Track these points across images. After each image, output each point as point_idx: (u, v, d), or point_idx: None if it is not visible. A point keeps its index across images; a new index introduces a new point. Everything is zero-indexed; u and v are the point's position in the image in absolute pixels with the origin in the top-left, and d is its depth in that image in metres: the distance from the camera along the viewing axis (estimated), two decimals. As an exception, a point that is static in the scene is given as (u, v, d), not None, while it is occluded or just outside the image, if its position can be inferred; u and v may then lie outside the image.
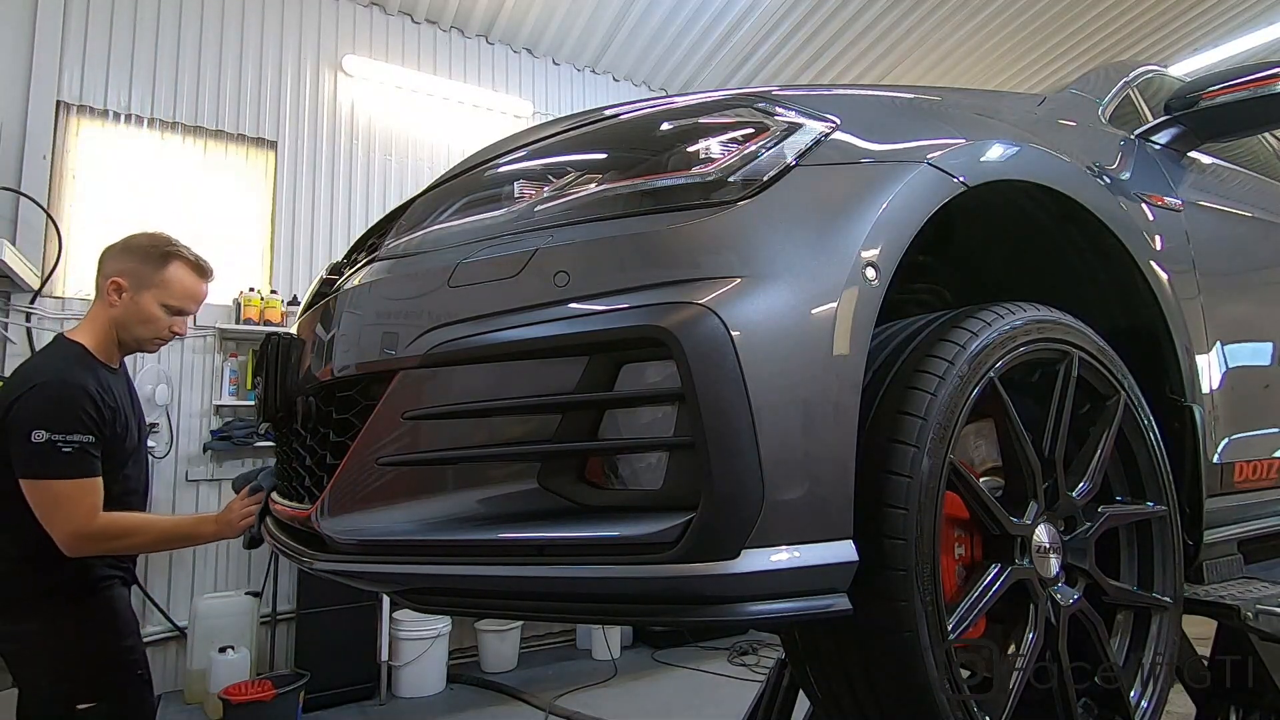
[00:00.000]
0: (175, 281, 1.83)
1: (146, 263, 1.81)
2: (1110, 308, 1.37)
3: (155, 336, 1.85)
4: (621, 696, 3.95)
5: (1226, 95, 1.54)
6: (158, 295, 1.81)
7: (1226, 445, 1.48)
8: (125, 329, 1.81)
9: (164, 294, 1.82)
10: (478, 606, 1.01)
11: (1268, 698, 1.48)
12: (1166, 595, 1.21)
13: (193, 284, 1.87)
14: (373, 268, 1.10)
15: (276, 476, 1.51)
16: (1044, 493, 1.08)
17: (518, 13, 5.04)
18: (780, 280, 0.84)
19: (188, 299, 1.86)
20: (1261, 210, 1.80)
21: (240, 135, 4.41)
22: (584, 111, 1.12)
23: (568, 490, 0.85)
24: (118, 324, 1.81)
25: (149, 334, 1.83)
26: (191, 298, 1.87)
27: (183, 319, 1.87)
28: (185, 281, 1.85)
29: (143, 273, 1.81)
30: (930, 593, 0.89)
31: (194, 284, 1.87)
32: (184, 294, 1.85)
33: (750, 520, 0.78)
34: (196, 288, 1.88)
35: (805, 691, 1.19)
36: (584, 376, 0.83)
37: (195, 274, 1.88)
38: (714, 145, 0.94)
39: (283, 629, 4.10)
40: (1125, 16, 5.22)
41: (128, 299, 1.80)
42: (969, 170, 1.05)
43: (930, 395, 0.93)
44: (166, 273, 1.82)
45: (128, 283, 1.80)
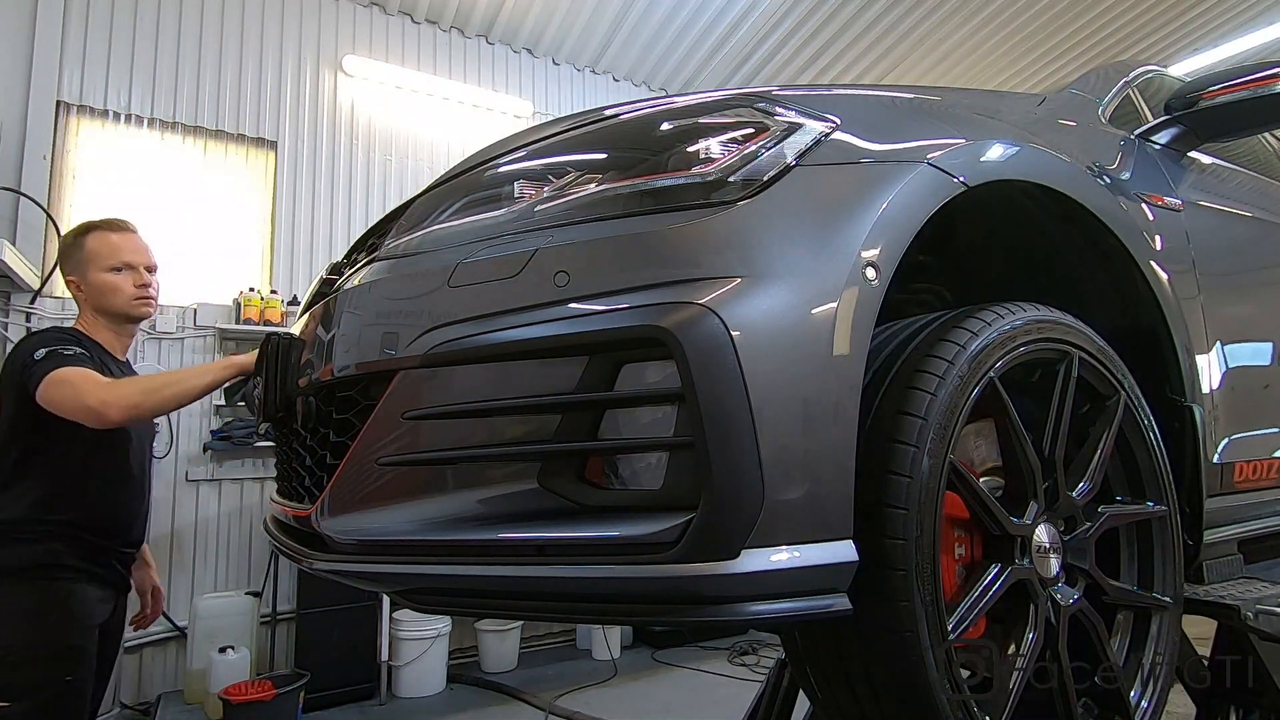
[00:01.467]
0: (100, 247, 1.99)
1: (73, 251, 2.01)
2: (1110, 308, 1.37)
3: (131, 298, 2.00)
4: (621, 696, 3.95)
5: (1226, 95, 1.54)
6: (97, 265, 1.97)
7: (1226, 445, 1.48)
8: (101, 307, 1.99)
9: (100, 261, 1.98)
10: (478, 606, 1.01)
11: (1268, 698, 1.48)
12: (1166, 595, 1.21)
13: (116, 240, 2.01)
14: (373, 268, 1.10)
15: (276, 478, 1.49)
16: (1044, 493, 1.08)
17: (518, 13, 5.04)
18: (780, 280, 0.84)
19: (119, 253, 2.00)
20: (1261, 210, 1.80)
21: (240, 135, 4.41)
22: (584, 111, 1.12)
23: (568, 490, 0.85)
24: (94, 307, 2.00)
25: (121, 300, 1.99)
26: (121, 251, 2.01)
27: (138, 273, 2.01)
28: (108, 241, 2.00)
29: (76, 259, 2.00)
30: (930, 593, 0.89)
31: (117, 240, 2.02)
32: (112, 251, 1.99)
33: (750, 520, 0.78)
34: (122, 241, 2.02)
35: (805, 691, 1.19)
36: (584, 376, 0.83)
37: (112, 231, 2.03)
38: (714, 145, 0.94)
39: (283, 629, 4.10)
40: (1125, 16, 5.22)
41: (85, 286, 1.99)
42: (969, 170, 1.05)
43: (930, 395, 0.93)
44: (88, 246, 1.99)
45: (75, 274, 2.00)
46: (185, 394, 1.79)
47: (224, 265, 4.32)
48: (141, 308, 2.02)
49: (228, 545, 4.14)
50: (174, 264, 4.08)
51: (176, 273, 4.02)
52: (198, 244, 4.26)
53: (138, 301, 2.01)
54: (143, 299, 2.02)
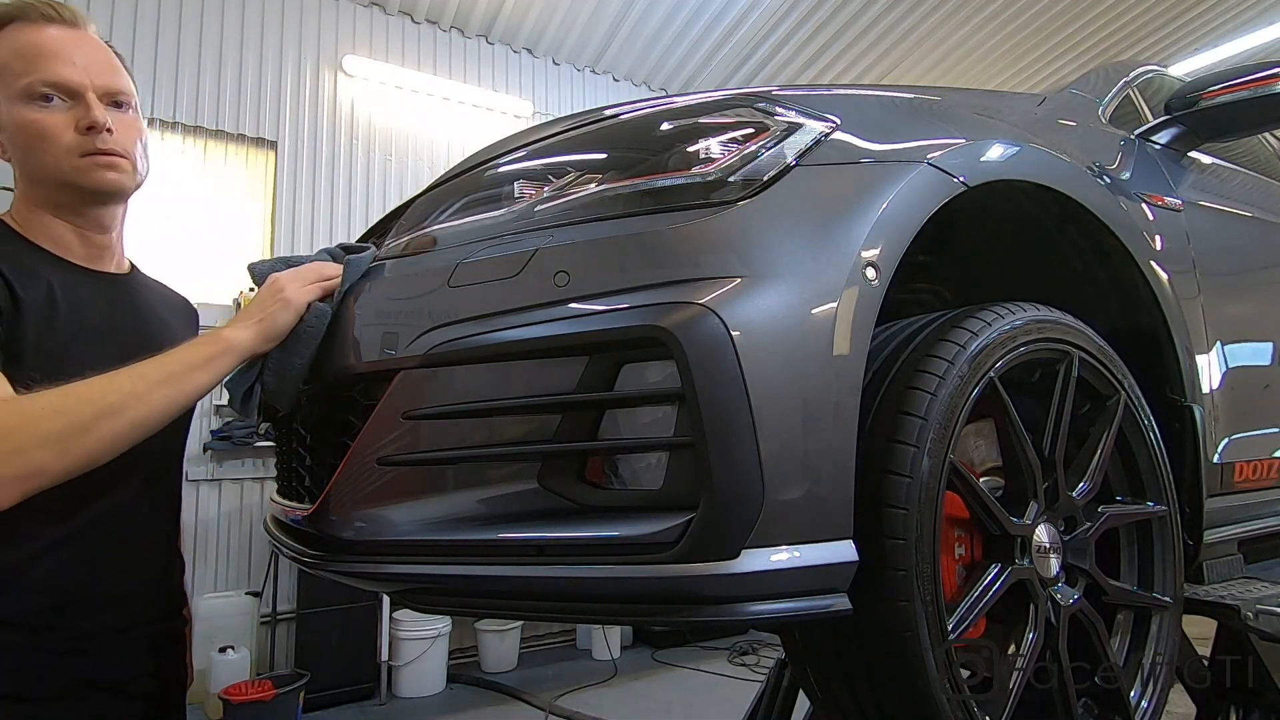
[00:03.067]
0: (14, 53, 1.06)
1: None
2: (1110, 308, 1.37)
3: (72, 152, 1.07)
4: (621, 696, 3.95)
5: (1226, 95, 1.54)
6: (10, 87, 1.05)
7: (1226, 445, 1.48)
8: (28, 172, 1.09)
9: (13, 79, 1.05)
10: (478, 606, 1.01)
11: (1268, 698, 1.48)
12: (1166, 595, 1.21)
13: (46, 41, 1.07)
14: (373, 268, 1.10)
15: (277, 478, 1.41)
16: (1044, 493, 1.08)
17: (518, 13, 5.04)
18: (780, 280, 0.84)
19: (48, 63, 1.06)
20: (1261, 210, 1.80)
21: (240, 135, 4.41)
22: (584, 111, 1.12)
23: (568, 490, 0.85)
24: (21, 174, 1.10)
25: (55, 155, 1.06)
26: (53, 60, 1.06)
27: (85, 105, 1.07)
28: (33, 41, 1.06)
29: None
30: (930, 593, 0.89)
31: (48, 40, 1.07)
32: (34, 59, 1.05)
33: (750, 520, 0.78)
34: (58, 43, 1.07)
35: (805, 691, 1.19)
36: (584, 376, 0.83)
37: (43, 24, 1.08)
38: (714, 145, 0.94)
39: (283, 629, 4.10)
40: (1125, 16, 5.22)
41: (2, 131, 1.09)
42: (969, 170, 1.05)
43: (930, 395, 0.93)
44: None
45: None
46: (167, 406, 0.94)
47: (224, 265, 4.32)
48: (94, 172, 1.08)
49: (228, 545, 4.14)
50: (174, 264, 4.08)
51: (176, 273, 4.02)
52: (198, 244, 4.26)
53: (85, 161, 1.07)
54: (97, 155, 1.07)
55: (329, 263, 1.11)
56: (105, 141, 1.08)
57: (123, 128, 1.12)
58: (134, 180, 1.14)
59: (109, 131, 1.09)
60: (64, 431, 0.87)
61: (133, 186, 1.15)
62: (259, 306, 1.04)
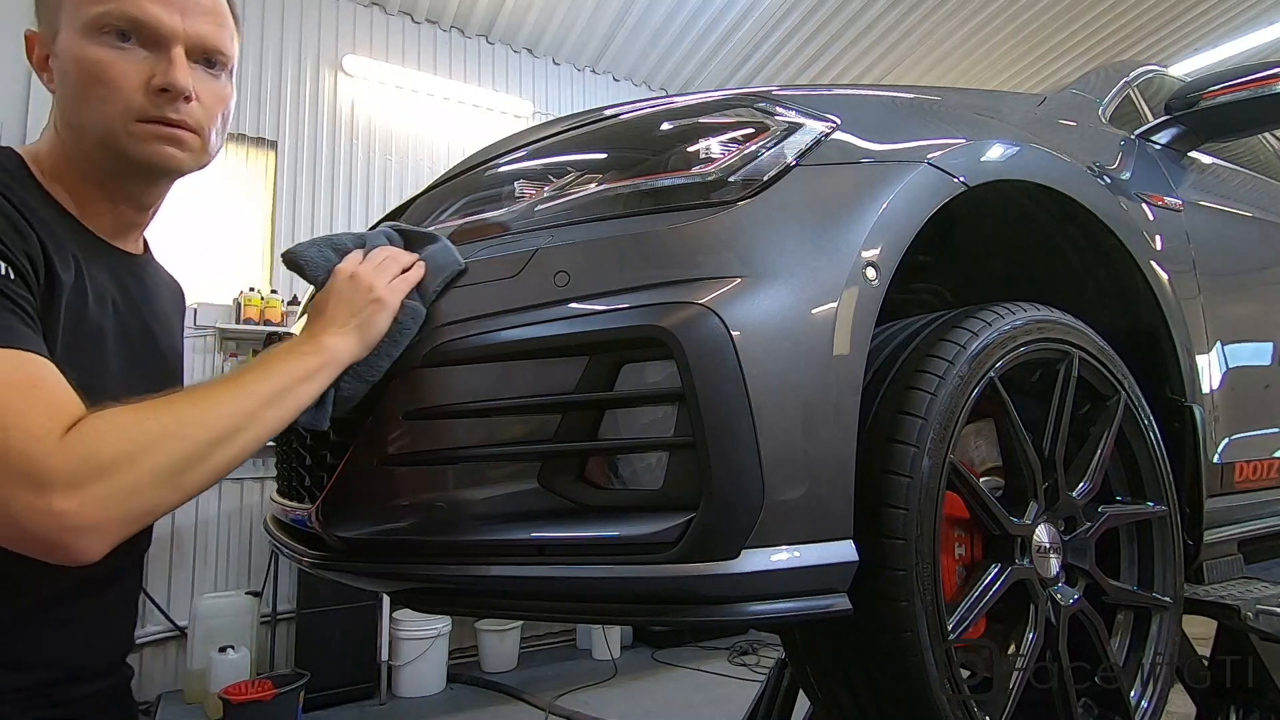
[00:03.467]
0: None
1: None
2: (1110, 308, 1.37)
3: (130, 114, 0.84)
4: (621, 696, 3.95)
5: (1226, 95, 1.54)
6: (72, 18, 0.84)
7: (1227, 445, 1.48)
8: (72, 118, 0.86)
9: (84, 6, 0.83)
10: (478, 606, 1.01)
11: (1268, 698, 1.47)
12: (1166, 595, 1.21)
13: None
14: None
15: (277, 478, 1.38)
16: (1044, 493, 1.08)
17: (518, 13, 5.04)
18: (780, 280, 0.84)
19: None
20: (1261, 210, 1.80)
21: (240, 135, 4.41)
22: (584, 111, 1.12)
23: (568, 490, 0.85)
24: (63, 115, 0.88)
25: (110, 114, 0.84)
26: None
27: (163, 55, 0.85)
28: None
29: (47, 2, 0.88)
30: (930, 593, 0.89)
31: None
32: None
33: (750, 520, 0.78)
34: None
35: (805, 691, 1.19)
36: (584, 376, 0.83)
37: None
38: (714, 145, 0.94)
39: (283, 629, 4.10)
40: (1125, 16, 5.22)
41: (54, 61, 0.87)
42: (969, 170, 1.05)
43: (930, 395, 0.93)
44: None
45: (43, 29, 0.89)
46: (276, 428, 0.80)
47: (224, 265, 4.32)
48: (151, 145, 0.86)
49: (228, 545, 4.14)
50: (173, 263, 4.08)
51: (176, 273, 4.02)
52: (198, 243, 4.26)
53: (145, 129, 0.85)
54: (161, 125, 0.86)
55: (399, 250, 0.95)
56: (178, 111, 0.86)
57: (207, 97, 0.89)
58: (198, 163, 0.91)
59: (187, 100, 0.86)
60: (179, 462, 0.70)
61: (194, 169, 0.91)
62: (349, 308, 0.88)
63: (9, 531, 0.64)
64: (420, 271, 0.93)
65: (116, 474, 0.66)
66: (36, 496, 0.62)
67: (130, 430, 0.69)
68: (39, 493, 0.62)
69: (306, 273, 0.94)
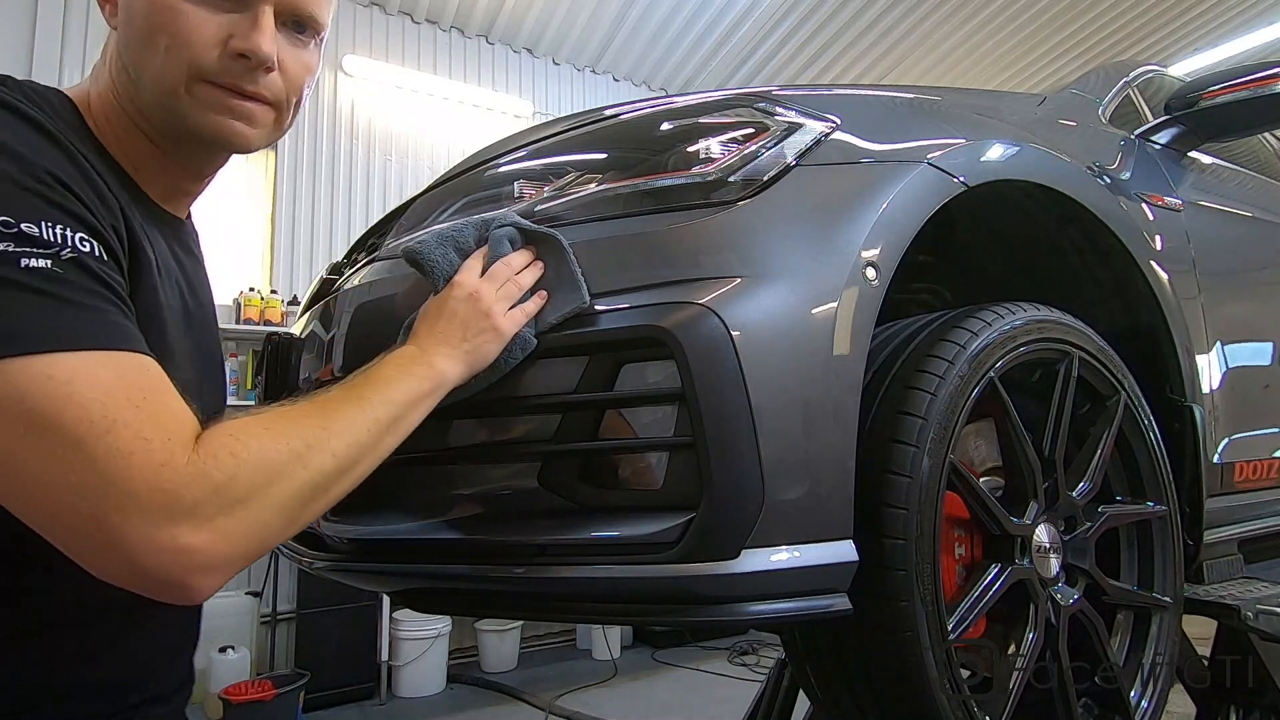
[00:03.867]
0: None
1: None
2: (1110, 308, 1.37)
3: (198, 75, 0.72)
4: (621, 696, 3.95)
5: (1226, 95, 1.54)
6: None
7: (1226, 445, 1.48)
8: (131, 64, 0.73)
9: None
10: (478, 606, 1.01)
11: (1268, 697, 1.48)
12: (1166, 595, 1.21)
13: None
14: (373, 268, 1.10)
15: None
16: (1044, 493, 1.08)
17: (518, 13, 5.04)
18: (780, 280, 0.84)
19: None
20: (1261, 210, 1.80)
21: (240, 135, 4.41)
22: (584, 111, 1.12)
23: (568, 490, 0.85)
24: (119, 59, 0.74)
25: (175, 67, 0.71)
26: None
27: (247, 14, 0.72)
28: None
29: None
30: (930, 593, 0.89)
31: None
32: None
33: (750, 520, 0.78)
34: None
35: (805, 691, 1.19)
36: (584, 376, 0.83)
37: None
38: (714, 145, 0.94)
39: (283, 629, 4.10)
40: (1125, 16, 5.22)
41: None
42: (969, 170, 1.05)
43: (930, 395, 0.93)
44: None
45: None
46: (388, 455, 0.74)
47: (224, 265, 4.32)
48: (214, 117, 0.74)
49: (228, 545, 4.14)
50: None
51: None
52: (198, 244, 4.26)
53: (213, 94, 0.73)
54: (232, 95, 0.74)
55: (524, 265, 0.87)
56: (255, 82, 0.73)
57: (292, 67, 0.77)
58: (266, 141, 0.79)
59: (267, 70, 0.74)
60: (305, 493, 0.63)
61: (261, 148, 0.80)
62: (463, 330, 0.80)
63: (119, 567, 0.54)
64: (539, 303, 0.85)
65: (249, 506, 0.58)
66: (158, 529, 0.53)
67: (264, 454, 0.60)
68: (162, 525, 0.53)
69: (428, 276, 0.86)
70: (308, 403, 0.68)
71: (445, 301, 0.82)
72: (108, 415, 0.53)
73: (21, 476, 0.52)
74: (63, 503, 0.52)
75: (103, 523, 0.52)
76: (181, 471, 0.55)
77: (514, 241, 0.89)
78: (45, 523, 0.54)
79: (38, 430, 0.51)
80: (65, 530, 0.53)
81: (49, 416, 0.51)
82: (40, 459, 0.51)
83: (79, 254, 0.58)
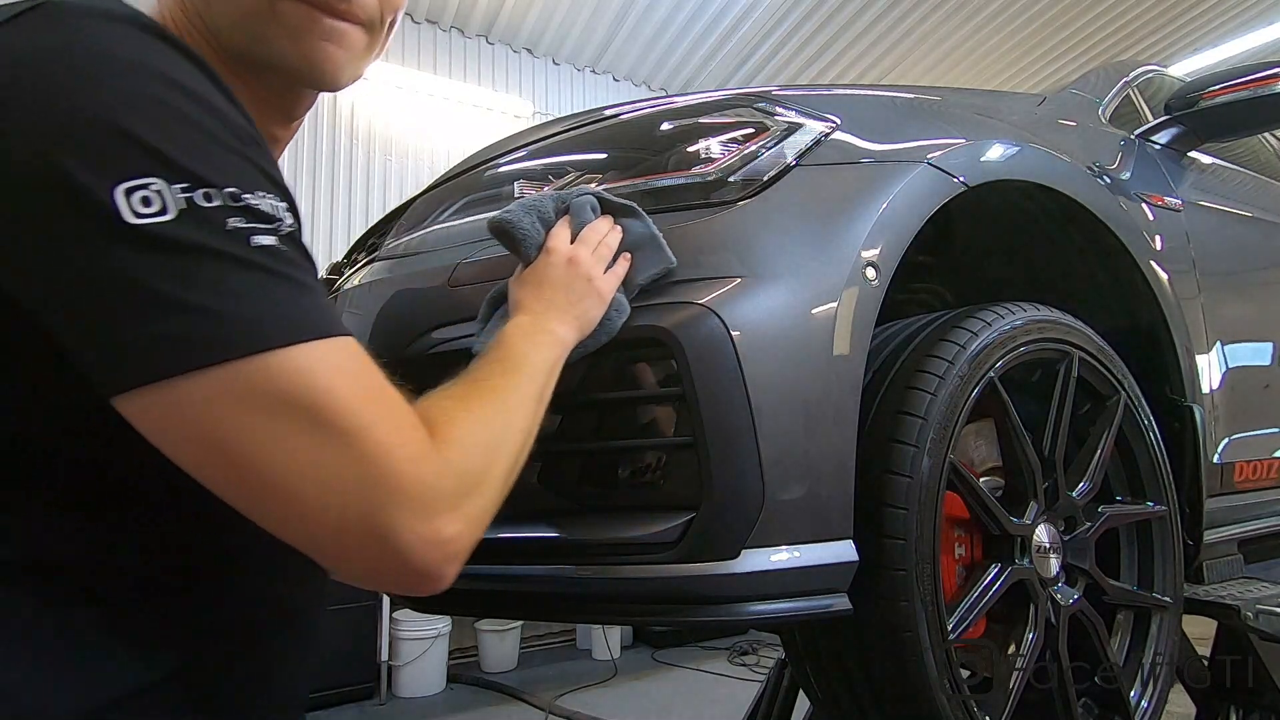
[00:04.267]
0: None
1: None
2: (1110, 308, 1.37)
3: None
4: (621, 696, 3.95)
5: (1226, 95, 1.54)
6: None
7: (1226, 445, 1.48)
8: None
9: None
10: (478, 606, 1.01)
11: (1268, 697, 1.48)
12: (1166, 595, 1.21)
13: None
14: (373, 268, 1.10)
15: None
16: (1044, 493, 1.08)
17: (518, 13, 5.04)
18: (780, 280, 0.84)
19: None
20: (1261, 210, 1.80)
21: (240, 135, 4.41)
22: (584, 111, 1.12)
23: (568, 490, 0.85)
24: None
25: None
26: None
27: None
28: None
29: None
30: (930, 593, 0.89)
31: None
32: None
33: (750, 520, 0.78)
34: None
35: (805, 691, 1.19)
36: (584, 376, 0.83)
37: None
38: (714, 145, 0.94)
39: (283, 629, 4.10)
40: (1125, 16, 5.22)
41: None
42: (969, 170, 1.05)
43: (930, 395, 0.93)
44: None
45: None
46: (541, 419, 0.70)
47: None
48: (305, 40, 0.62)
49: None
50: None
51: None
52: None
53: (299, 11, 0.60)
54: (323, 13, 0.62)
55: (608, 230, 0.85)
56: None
57: None
58: (354, 74, 0.70)
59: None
60: (510, 470, 0.61)
61: (346, 83, 0.70)
62: (567, 294, 0.77)
63: (382, 564, 0.51)
64: (626, 264, 0.84)
65: (483, 490, 0.56)
66: (424, 523, 0.50)
67: (480, 436, 0.58)
68: (427, 519, 0.50)
69: (520, 247, 0.83)
70: (468, 382, 0.64)
71: (545, 269, 0.80)
72: (366, 409, 0.49)
73: (279, 475, 0.47)
74: (327, 502, 0.48)
75: (371, 520, 0.48)
76: (435, 462, 0.52)
77: (595, 209, 0.86)
78: (295, 523, 0.49)
79: (305, 428, 0.47)
80: (321, 529, 0.49)
81: (315, 413, 0.47)
82: (305, 458, 0.47)
83: (292, 228, 0.52)
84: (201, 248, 0.45)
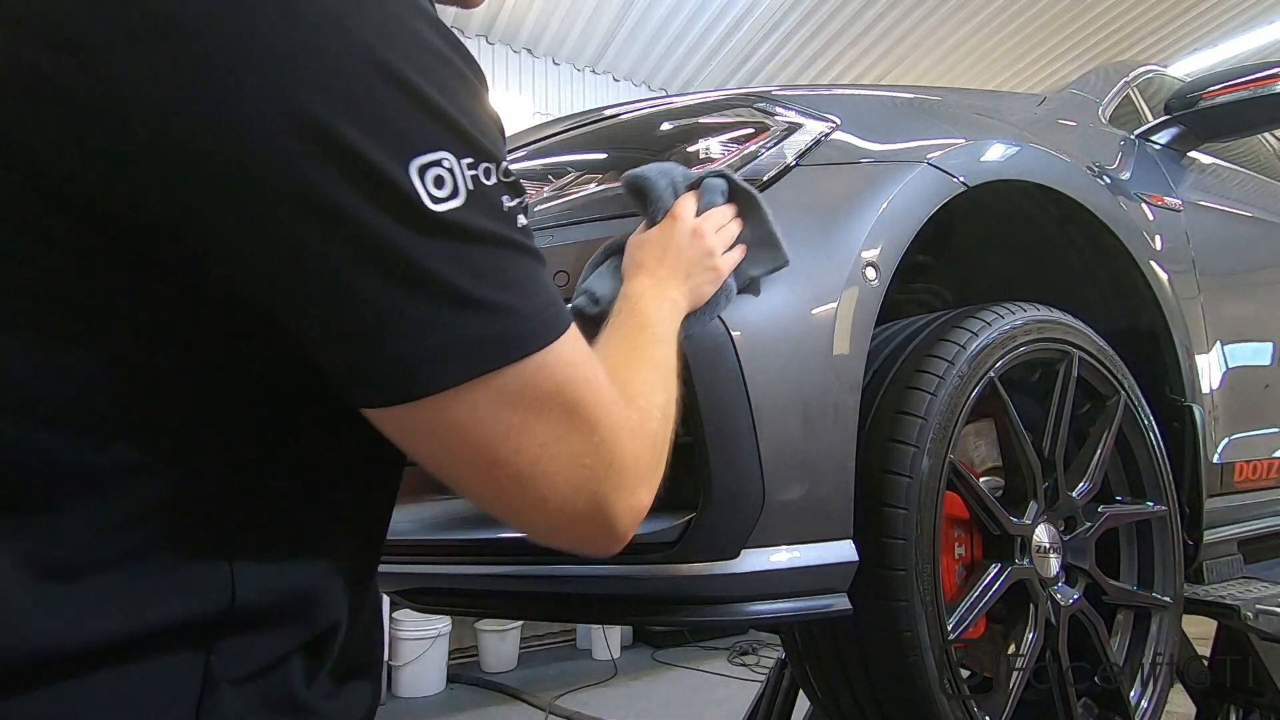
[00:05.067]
0: None
1: None
2: (1110, 308, 1.37)
3: None
4: (621, 696, 3.95)
5: (1226, 95, 1.54)
6: None
7: (1226, 445, 1.48)
8: None
9: None
10: (478, 606, 1.01)
11: (1268, 697, 1.48)
12: (1166, 595, 1.21)
13: None
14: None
15: None
16: (1044, 492, 1.08)
17: (518, 13, 5.04)
18: (780, 280, 0.84)
19: None
20: (1261, 210, 1.80)
21: (240, 135, 4.41)
22: (584, 111, 1.12)
23: (568, 490, 0.85)
24: None
25: None
26: None
27: None
28: None
29: None
30: (930, 593, 0.89)
31: None
32: None
33: (750, 520, 0.78)
34: None
35: (805, 691, 1.19)
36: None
37: None
38: (714, 145, 0.94)
39: (283, 629, 4.10)
40: (1125, 16, 5.22)
41: None
42: (969, 170, 1.05)
43: (930, 395, 0.93)
44: None
45: None
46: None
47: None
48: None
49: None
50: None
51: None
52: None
53: None
54: None
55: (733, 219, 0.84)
56: None
57: None
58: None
59: None
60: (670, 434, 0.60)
61: None
62: (688, 265, 0.76)
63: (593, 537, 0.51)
64: (741, 253, 0.82)
65: (665, 453, 0.57)
66: (634, 496, 0.51)
67: (659, 399, 0.58)
68: (634, 491, 0.51)
69: (649, 204, 0.81)
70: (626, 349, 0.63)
71: (669, 234, 0.78)
72: (602, 394, 0.48)
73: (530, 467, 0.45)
74: (571, 488, 0.47)
75: (599, 499, 0.48)
76: (640, 436, 0.52)
77: (723, 194, 0.85)
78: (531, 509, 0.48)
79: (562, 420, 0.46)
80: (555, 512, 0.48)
81: (573, 407, 0.46)
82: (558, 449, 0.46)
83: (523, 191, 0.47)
84: (484, 235, 0.40)
